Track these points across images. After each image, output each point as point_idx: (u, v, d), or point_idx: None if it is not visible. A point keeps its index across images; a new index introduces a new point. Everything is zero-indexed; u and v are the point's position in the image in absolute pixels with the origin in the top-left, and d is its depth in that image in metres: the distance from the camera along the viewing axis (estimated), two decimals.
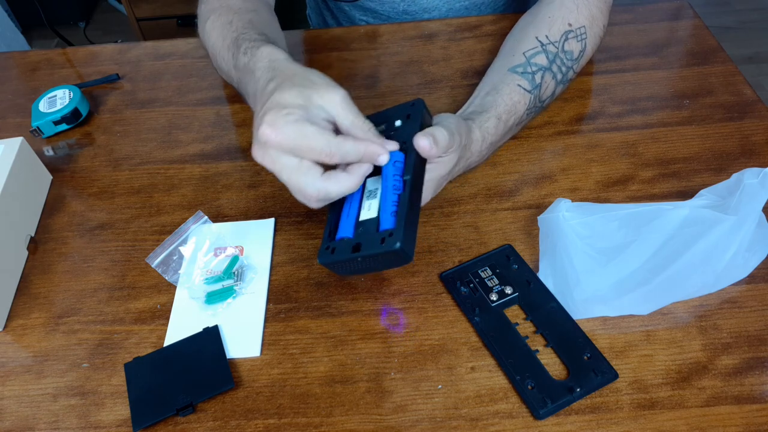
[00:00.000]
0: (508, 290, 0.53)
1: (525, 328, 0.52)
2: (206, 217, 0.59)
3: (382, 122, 0.53)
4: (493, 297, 0.53)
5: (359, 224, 0.48)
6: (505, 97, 0.60)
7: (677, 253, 0.49)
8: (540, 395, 0.47)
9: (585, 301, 0.51)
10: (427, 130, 0.49)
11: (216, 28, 0.63)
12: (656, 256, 0.50)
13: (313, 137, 0.44)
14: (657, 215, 0.51)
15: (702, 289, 0.52)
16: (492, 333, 0.51)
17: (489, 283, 0.54)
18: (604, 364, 0.48)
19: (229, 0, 0.65)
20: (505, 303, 0.53)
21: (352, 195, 0.50)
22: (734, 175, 0.51)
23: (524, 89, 0.61)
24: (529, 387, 0.48)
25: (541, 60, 0.62)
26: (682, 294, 0.52)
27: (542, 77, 0.62)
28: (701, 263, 0.49)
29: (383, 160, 0.47)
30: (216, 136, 0.71)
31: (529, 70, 0.61)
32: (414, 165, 0.48)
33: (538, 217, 0.55)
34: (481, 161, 0.62)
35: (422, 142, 0.47)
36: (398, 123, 0.52)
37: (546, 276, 0.54)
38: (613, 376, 0.48)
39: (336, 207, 0.51)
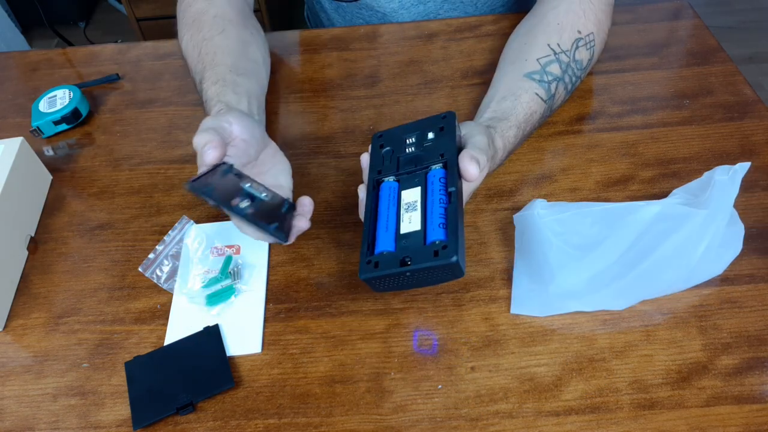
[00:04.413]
0: None
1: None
2: (192, 221, 0.59)
3: (413, 132, 0.53)
4: None
5: (401, 237, 0.47)
6: (524, 105, 0.60)
7: (651, 248, 0.50)
8: None
9: (560, 296, 0.51)
10: (471, 153, 0.49)
11: (188, 52, 0.67)
12: (630, 252, 0.51)
13: None
14: (630, 211, 0.51)
15: (676, 284, 0.52)
16: None
17: None
18: None
19: (200, 15, 0.67)
20: None
21: (386, 208, 0.49)
22: (706, 173, 0.51)
23: (541, 98, 0.61)
24: None
25: (555, 69, 0.62)
26: (657, 289, 0.52)
27: (556, 87, 0.62)
28: (674, 257, 0.50)
29: None
30: None
31: (545, 79, 0.61)
32: (456, 179, 0.48)
33: (513, 216, 0.55)
34: (495, 168, 0.61)
35: (472, 169, 0.48)
36: (431, 135, 0.51)
37: (521, 273, 0.54)
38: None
39: (369, 220, 0.49)
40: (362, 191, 0.52)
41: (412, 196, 0.49)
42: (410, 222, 0.47)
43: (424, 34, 0.80)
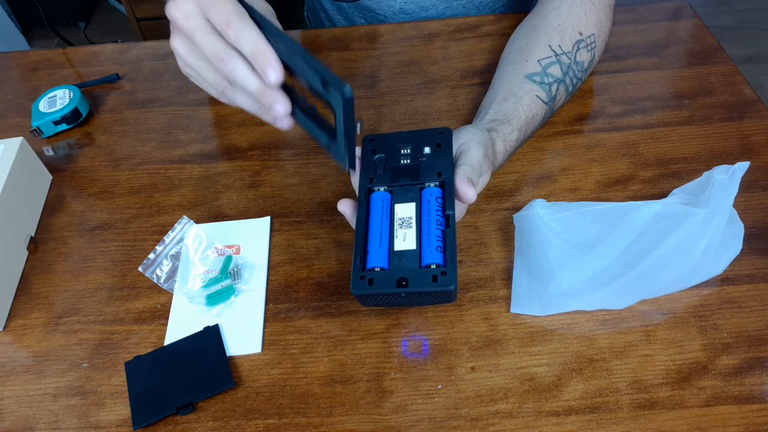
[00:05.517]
0: None
1: None
2: (192, 221, 0.59)
3: (407, 142, 0.52)
4: None
5: (394, 254, 0.47)
6: (525, 107, 0.60)
7: (650, 246, 0.50)
8: None
9: (560, 295, 0.51)
10: (468, 175, 0.49)
11: None
12: (630, 251, 0.51)
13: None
14: (630, 211, 0.51)
15: (676, 283, 0.52)
16: None
17: None
18: None
19: None
20: None
21: (379, 221, 0.49)
22: (705, 173, 0.51)
23: (542, 101, 0.61)
24: None
25: (556, 71, 0.62)
26: (656, 288, 0.52)
27: (557, 89, 0.62)
28: (674, 256, 0.50)
29: (270, 77, 0.44)
30: (216, 136, 0.71)
31: (546, 80, 0.61)
32: (454, 202, 0.48)
33: (513, 216, 0.55)
34: (495, 171, 0.61)
35: (470, 192, 0.48)
36: (427, 150, 0.51)
37: (521, 272, 0.54)
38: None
39: (361, 232, 0.48)
40: (346, 205, 0.51)
41: (406, 211, 0.49)
42: (404, 239, 0.47)
43: (424, 34, 0.80)
